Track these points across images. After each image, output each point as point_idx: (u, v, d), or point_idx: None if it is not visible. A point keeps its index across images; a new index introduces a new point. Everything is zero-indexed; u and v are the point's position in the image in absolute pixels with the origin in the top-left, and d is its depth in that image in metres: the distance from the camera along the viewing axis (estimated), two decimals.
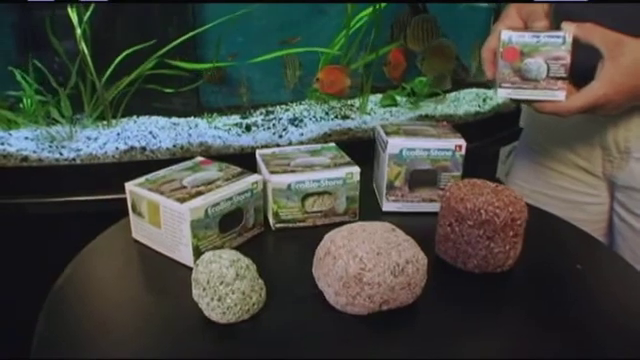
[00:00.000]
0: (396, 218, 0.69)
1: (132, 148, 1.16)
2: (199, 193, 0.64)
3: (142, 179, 0.69)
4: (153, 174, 0.70)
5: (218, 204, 0.64)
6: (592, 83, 0.64)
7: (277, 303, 0.57)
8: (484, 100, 1.58)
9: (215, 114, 1.35)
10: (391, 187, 0.77)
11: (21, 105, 1.20)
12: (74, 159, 1.12)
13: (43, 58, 1.19)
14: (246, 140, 1.24)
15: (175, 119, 1.32)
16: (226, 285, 0.52)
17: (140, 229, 0.69)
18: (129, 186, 0.68)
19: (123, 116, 1.29)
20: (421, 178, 0.76)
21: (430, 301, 0.57)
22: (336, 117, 1.38)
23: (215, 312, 0.53)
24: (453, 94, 1.61)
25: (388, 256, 0.53)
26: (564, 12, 0.71)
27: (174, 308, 0.56)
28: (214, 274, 0.52)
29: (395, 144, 0.74)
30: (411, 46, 1.43)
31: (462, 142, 0.75)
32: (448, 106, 1.52)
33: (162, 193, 0.64)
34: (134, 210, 0.68)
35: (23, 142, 1.14)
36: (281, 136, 1.27)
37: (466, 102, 1.57)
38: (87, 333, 0.53)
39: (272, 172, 0.71)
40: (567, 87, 0.66)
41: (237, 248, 0.62)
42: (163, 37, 1.24)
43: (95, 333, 0.53)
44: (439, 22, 1.42)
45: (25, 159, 1.10)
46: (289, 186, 0.71)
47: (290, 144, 1.25)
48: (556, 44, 0.66)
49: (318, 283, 0.58)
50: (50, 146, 1.13)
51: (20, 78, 1.16)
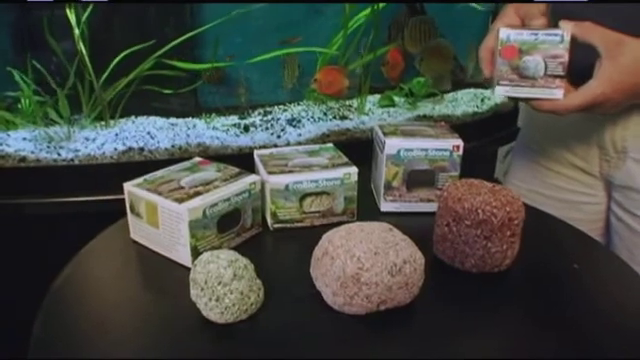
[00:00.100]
0: (394, 218, 0.70)
1: (130, 149, 1.16)
2: (197, 193, 0.64)
3: (140, 179, 0.69)
4: (151, 175, 0.70)
5: (216, 204, 0.64)
6: (590, 82, 0.64)
7: (275, 303, 0.57)
8: (482, 100, 1.58)
9: (213, 114, 1.35)
10: (389, 187, 0.77)
11: (19, 106, 1.20)
12: (72, 160, 1.12)
13: (41, 58, 1.19)
14: (244, 141, 1.24)
15: (173, 120, 1.32)
16: (224, 285, 0.52)
17: (138, 229, 0.69)
18: (127, 186, 0.68)
19: (121, 117, 1.29)
20: (419, 178, 0.76)
21: (428, 301, 0.57)
22: (334, 117, 1.38)
23: (213, 312, 0.53)
24: (451, 94, 1.61)
25: (386, 256, 0.53)
26: (562, 11, 0.71)
27: (172, 308, 0.56)
28: (212, 274, 0.52)
29: (393, 144, 0.74)
30: (408, 47, 1.43)
31: (459, 142, 0.75)
32: (446, 106, 1.52)
33: (160, 193, 0.64)
34: (132, 210, 0.68)
35: (21, 143, 1.14)
36: (279, 136, 1.27)
37: (464, 102, 1.57)
38: (85, 333, 0.53)
39: (270, 172, 0.71)
40: (565, 85, 0.66)
41: (235, 248, 0.62)
42: (161, 37, 1.24)
43: (93, 333, 0.53)
44: (437, 23, 1.42)
45: (23, 160, 1.10)
46: (287, 186, 0.71)
47: (288, 144, 1.25)
48: (554, 42, 0.66)
49: (316, 283, 0.58)
50: (48, 147, 1.13)
51: (19, 78, 1.16)
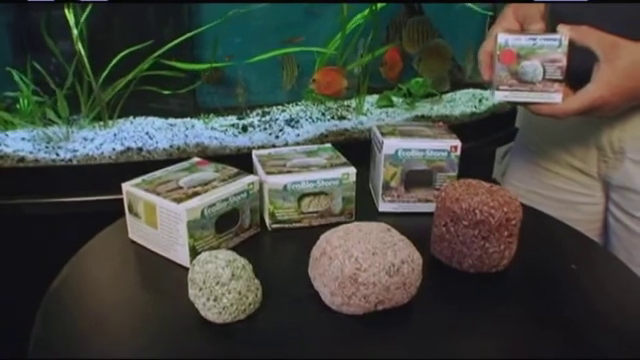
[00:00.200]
0: (392, 218, 0.70)
1: (129, 149, 1.16)
2: (195, 194, 0.64)
3: (139, 180, 0.69)
4: (150, 175, 0.70)
5: (214, 205, 0.64)
6: (588, 85, 0.65)
7: (273, 303, 0.57)
8: (480, 101, 1.58)
9: (212, 115, 1.35)
10: (387, 187, 0.77)
11: (18, 106, 1.20)
12: (71, 160, 1.12)
13: (40, 59, 1.19)
14: (242, 141, 1.24)
15: (172, 120, 1.32)
16: (222, 285, 0.52)
17: (136, 229, 0.69)
18: (126, 187, 0.68)
19: (120, 117, 1.29)
20: (417, 178, 0.76)
21: (425, 301, 0.57)
22: (332, 118, 1.38)
23: (211, 312, 0.53)
24: (449, 95, 1.61)
25: (383, 256, 0.53)
26: (559, 14, 0.71)
27: (170, 308, 0.56)
28: (210, 274, 0.52)
29: (391, 145, 0.74)
30: (407, 48, 1.43)
31: (457, 143, 0.75)
32: (444, 107, 1.52)
33: (158, 194, 0.64)
34: (130, 211, 0.68)
35: (20, 143, 1.14)
36: (277, 137, 1.27)
37: (462, 103, 1.57)
38: (83, 333, 0.53)
39: (268, 173, 0.71)
40: (563, 89, 0.67)
41: (233, 248, 0.63)
42: (160, 38, 1.24)
43: (91, 333, 0.53)
44: (435, 23, 1.42)
45: (22, 160, 1.10)
46: (285, 187, 0.71)
47: (286, 145, 1.25)
48: (552, 47, 0.66)
49: (314, 283, 0.58)
50: (47, 147, 1.13)
51: (18, 78, 1.16)
